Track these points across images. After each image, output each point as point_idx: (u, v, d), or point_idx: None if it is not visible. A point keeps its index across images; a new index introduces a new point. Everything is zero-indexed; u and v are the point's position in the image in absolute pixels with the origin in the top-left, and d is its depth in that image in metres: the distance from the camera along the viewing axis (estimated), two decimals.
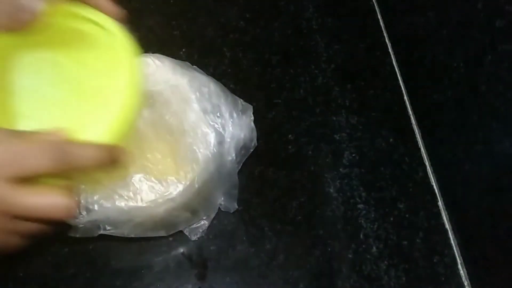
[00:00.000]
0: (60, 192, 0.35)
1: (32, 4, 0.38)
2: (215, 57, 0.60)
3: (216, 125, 0.49)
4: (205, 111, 0.49)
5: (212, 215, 0.49)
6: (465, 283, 0.49)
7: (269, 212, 0.52)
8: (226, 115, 0.50)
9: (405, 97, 0.60)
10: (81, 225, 0.44)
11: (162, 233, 0.47)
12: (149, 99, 0.49)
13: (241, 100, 0.51)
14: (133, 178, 0.46)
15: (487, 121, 0.44)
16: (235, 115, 0.50)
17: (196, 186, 0.46)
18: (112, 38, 0.41)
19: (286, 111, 0.58)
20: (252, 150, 0.52)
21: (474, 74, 0.45)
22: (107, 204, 0.44)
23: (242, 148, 0.50)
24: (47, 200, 0.34)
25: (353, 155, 0.55)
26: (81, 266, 0.48)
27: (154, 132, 0.49)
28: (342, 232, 0.51)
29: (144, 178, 0.46)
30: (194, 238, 0.49)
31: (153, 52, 0.52)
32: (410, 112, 0.59)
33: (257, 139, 0.53)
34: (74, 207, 0.35)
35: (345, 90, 0.59)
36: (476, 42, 0.44)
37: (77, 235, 0.44)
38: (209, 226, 0.50)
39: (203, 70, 0.53)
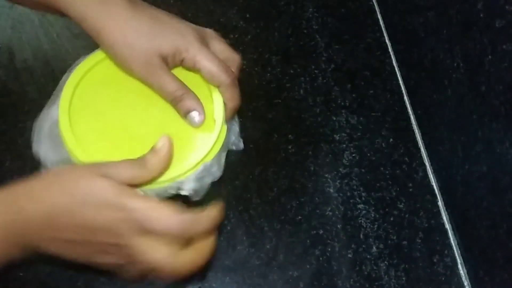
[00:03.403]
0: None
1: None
2: None
3: None
4: None
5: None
6: (465, 283, 0.49)
7: (269, 212, 0.52)
8: None
9: (405, 97, 0.60)
10: None
11: None
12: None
13: None
14: None
15: (487, 121, 0.44)
16: None
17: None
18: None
19: (286, 111, 0.58)
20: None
21: (474, 74, 0.45)
22: None
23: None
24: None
25: (353, 155, 0.55)
26: (81, 266, 0.48)
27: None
28: (342, 232, 0.51)
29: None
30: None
31: None
32: (410, 112, 0.59)
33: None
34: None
35: (345, 90, 0.59)
36: (476, 42, 0.44)
37: None
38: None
39: None
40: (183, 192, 0.47)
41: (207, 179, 0.48)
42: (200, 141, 0.48)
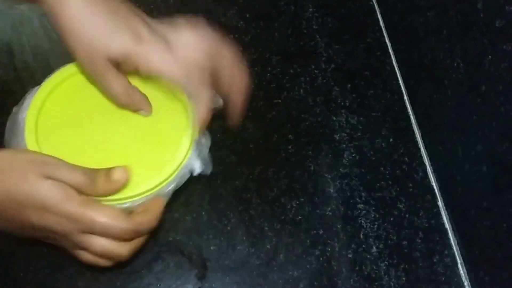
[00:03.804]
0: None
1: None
2: None
3: None
4: None
5: None
6: (465, 283, 0.49)
7: (269, 212, 0.52)
8: None
9: (405, 97, 0.60)
10: None
11: None
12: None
13: None
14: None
15: (487, 121, 0.44)
16: None
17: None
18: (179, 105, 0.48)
19: (286, 111, 0.58)
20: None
21: (474, 74, 0.45)
22: None
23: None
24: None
25: (353, 155, 0.55)
26: (81, 266, 0.48)
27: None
28: (342, 232, 0.51)
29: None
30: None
31: None
32: (410, 112, 0.59)
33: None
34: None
35: (345, 90, 0.59)
36: (476, 42, 0.44)
37: None
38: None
39: None
40: (196, 172, 0.48)
41: (204, 151, 0.48)
42: (180, 126, 0.48)
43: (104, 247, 0.41)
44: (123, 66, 0.45)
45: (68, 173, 0.40)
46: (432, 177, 0.55)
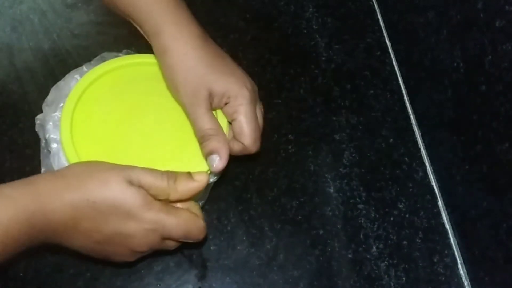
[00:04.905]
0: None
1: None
2: None
3: None
4: None
5: None
6: (465, 283, 0.49)
7: (269, 212, 0.52)
8: None
9: (405, 97, 0.60)
10: None
11: None
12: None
13: None
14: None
15: (487, 121, 0.44)
16: None
17: None
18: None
19: (286, 111, 0.58)
20: None
21: (474, 74, 0.45)
22: None
23: None
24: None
25: (353, 155, 0.55)
26: (81, 266, 0.48)
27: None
28: (342, 232, 0.51)
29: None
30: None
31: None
32: (410, 112, 0.59)
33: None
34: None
35: (345, 90, 0.59)
36: (476, 42, 0.44)
37: None
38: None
39: None
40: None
41: None
42: None
43: (177, 245, 0.44)
44: (214, 101, 0.48)
45: (150, 178, 0.41)
46: (432, 177, 0.55)
